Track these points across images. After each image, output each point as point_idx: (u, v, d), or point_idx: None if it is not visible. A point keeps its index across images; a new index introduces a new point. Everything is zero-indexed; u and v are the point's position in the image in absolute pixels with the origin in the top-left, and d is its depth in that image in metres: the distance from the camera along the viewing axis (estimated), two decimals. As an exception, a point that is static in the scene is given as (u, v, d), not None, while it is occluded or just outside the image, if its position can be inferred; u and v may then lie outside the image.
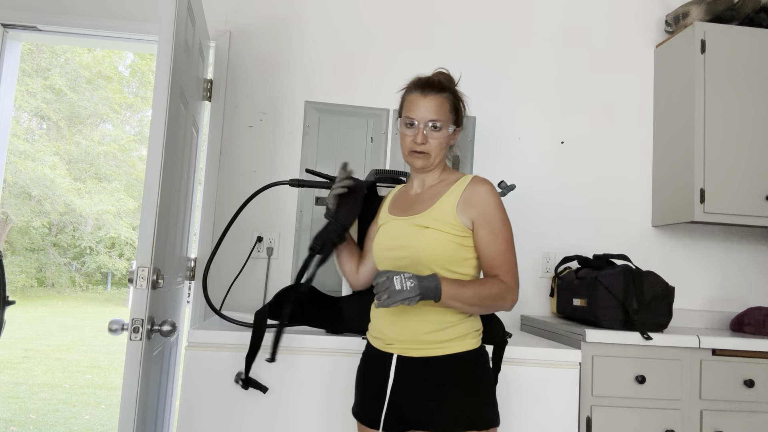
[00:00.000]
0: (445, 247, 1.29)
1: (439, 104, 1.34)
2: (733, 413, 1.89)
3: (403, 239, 1.33)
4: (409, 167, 1.42)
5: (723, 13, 2.38)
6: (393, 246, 1.34)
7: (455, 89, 1.41)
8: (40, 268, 15.50)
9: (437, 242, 1.29)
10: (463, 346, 1.31)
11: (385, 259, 1.36)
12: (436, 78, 1.38)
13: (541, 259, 2.47)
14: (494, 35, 2.55)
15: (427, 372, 1.29)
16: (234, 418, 1.59)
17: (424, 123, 1.33)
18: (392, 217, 1.41)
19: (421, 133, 1.33)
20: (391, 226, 1.39)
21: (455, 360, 1.29)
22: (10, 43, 2.42)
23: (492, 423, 1.28)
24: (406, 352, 1.32)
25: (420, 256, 1.29)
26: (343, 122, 2.42)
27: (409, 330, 1.31)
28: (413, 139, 1.34)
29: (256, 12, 2.46)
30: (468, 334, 1.32)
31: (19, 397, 5.28)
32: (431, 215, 1.32)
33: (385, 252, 1.36)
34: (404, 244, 1.32)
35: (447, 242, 1.29)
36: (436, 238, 1.29)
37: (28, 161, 12.92)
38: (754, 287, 2.54)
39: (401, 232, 1.34)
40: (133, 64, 15.44)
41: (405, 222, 1.35)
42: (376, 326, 1.39)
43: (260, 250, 2.35)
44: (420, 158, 1.35)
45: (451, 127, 1.37)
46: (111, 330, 1.53)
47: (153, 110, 1.60)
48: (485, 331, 1.46)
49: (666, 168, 2.45)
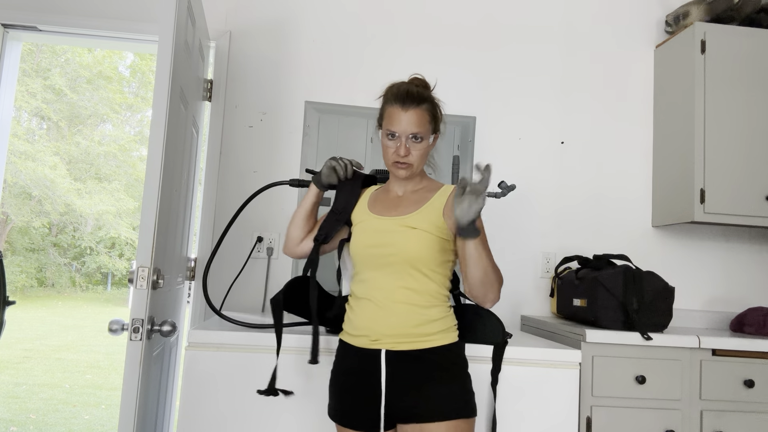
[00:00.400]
0: (432, 248, 1.36)
1: (419, 117, 1.38)
2: (733, 413, 1.89)
3: (391, 237, 1.37)
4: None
5: (723, 14, 2.38)
6: (380, 243, 1.38)
7: (432, 97, 1.45)
8: (40, 268, 15.50)
9: (425, 242, 1.35)
10: (447, 339, 1.37)
11: (370, 256, 1.38)
12: (414, 89, 1.41)
13: (541, 259, 2.47)
14: (494, 35, 2.55)
15: (416, 364, 1.34)
16: (234, 418, 1.59)
17: (406, 136, 1.38)
18: (374, 215, 1.43)
19: (404, 146, 1.38)
20: (375, 224, 1.41)
21: (441, 352, 1.35)
22: (10, 43, 2.42)
23: (474, 412, 1.36)
24: (395, 346, 1.35)
25: (408, 255, 1.35)
26: (343, 122, 2.42)
27: (399, 323, 1.35)
28: (396, 152, 1.39)
29: (256, 12, 2.47)
30: (449, 328, 1.39)
31: (19, 397, 5.28)
32: (419, 217, 1.38)
33: (370, 249, 1.38)
34: (392, 241, 1.36)
35: (433, 243, 1.36)
36: (424, 238, 1.35)
37: (28, 161, 12.92)
38: (754, 287, 2.55)
39: (389, 231, 1.38)
40: (133, 64, 15.45)
41: (392, 221, 1.39)
42: (359, 324, 1.39)
43: (260, 250, 2.35)
44: (403, 168, 1.40)
45: (431, 136, 1.44)
46: (111, 330, 1.53)
47: (153, 110, 1.60)
48: (485, 331, 1.53)
49: (666, 168, 2.45)
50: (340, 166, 1.51)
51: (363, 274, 1.42)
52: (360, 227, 1.44)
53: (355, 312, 1.42)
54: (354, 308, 1.43)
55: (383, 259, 1.37)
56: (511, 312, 2.44)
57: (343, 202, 1.50)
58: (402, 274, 1.36)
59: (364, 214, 1.47)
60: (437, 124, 1.46)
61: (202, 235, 2.33)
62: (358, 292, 1.43)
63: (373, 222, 1.43)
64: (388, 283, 1.37)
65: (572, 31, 2.59)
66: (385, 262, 1.37)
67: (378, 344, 1.36)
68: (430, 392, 1.32)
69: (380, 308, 1.37)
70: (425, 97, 1.41)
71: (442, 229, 1.38)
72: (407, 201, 1.44)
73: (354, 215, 1.50)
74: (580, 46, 2.59)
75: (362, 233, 1.42)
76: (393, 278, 1.36)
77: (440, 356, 1.35)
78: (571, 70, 2.57)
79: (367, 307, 1.39)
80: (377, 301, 1.38)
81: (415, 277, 1.36)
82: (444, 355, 1.36)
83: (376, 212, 1.45)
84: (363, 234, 1.42)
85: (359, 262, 1.42)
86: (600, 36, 2.60)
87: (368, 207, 1.48)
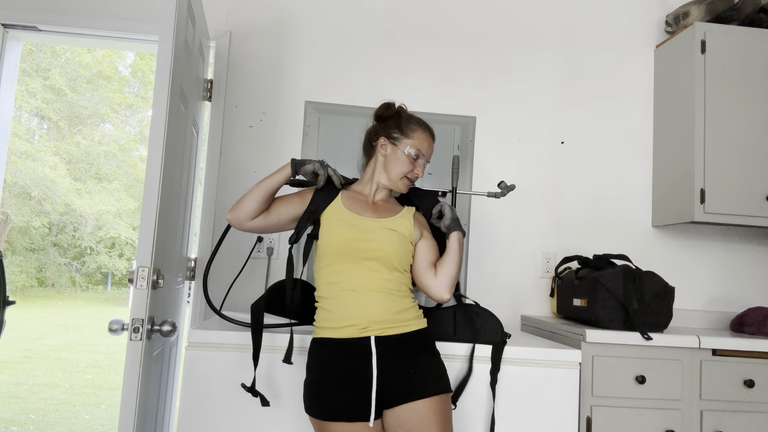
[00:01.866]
0: (407, 249, 1.54)
1: (433, 148, 1.65)
2: (733, 413, 1.89)
3: (374, 234, 1.51)
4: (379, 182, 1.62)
5: (723, 14, 2.38)
6: (363, 238, 1.50)
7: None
8: (40, 268, 15.50)
9: (402, 243, 1.53)
10: (422, 324, 1.53)
11: (352, 249, 1.49)
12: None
13: (541, 259, 2.47)
14: (494, 35, 2.55)
15: (402, 348, 1.46)
16: (234, 418, 1.59)
17: (425, 161, 1.61)
18: (354, 213, 1.54)
19: (422, 168, 1.61)
20: (357, 221, 1.52)
21: (420, 335, 1.51)
22: (11, 43, 2.42)
23: (450, 388, 1.50)
24: (383, 332, 1.45)
25: (388, 252, 1.50)
26: (343, 122, 2.42)
27: (385, 310, 1.46)
28: (414, 171, 1.59)
29: (256, 12, 2.47)
30: (419, 315, 1.55)
31: (19, 397, 5.28)
32: (396, 223, 1.55)
33: (353, 242, 1.49)
34: (376, 238, 1.50)
35: (407, 245, 1.55)
36: (401, 240, 1.53)
37: (28, 161, 12.92)
38: (754, 287, 2.55)
39: (371, 229, 1.52)
40: (134, 64, 15.44)
41: (374, 222, 1.53)
42: (343, 315, 1.46)
43: (260, 250, 2.35)
44: (408, 185, 1.62)
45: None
46: (111, 330, 1.53)
47: (153, 110, 1.60)
48: (484, 331, 1.66)
49: (666, 168, 2.45)
50: (322, 176, 1.57)
51: (337, 266, 1.49)
52: (338, 221, 1.52)
53: (335, 304, 1.47)
54: (333, 301, 1.48)
55: (366, 253, 1.48)
56: (511, 312, 2.44)
57: (317, 203, 1.57)
58: (381, 268, 1.49)
59: (341, 211, 1.54)
60: None
61: (202, 235, 2.33)
62: (333, 284, 1.48)
63: (354, 219, 1.53)
64: (369, 275, 1.48)
65: (572, 31, 2.59)
66: (367, 256, 1.48)
67: (367, 332, 1.44)
68: (417, 372, 1.44)
69: (364, 297, 1.46)
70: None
71: (412, 236, 1.57)
72: (381, 208, 1.60)
73: (326, 211, 1.55)
74: (580, 46, 2.59)
75: (342, 227, 1.51)
76: (373, 271, 1.48)
77: (419, 339, 1.50)
78: (571, 70, 2.57)
79: (351, 298, 1.46)
80: (361, 291, 1.46)
81: (391, 271, 1.50)
82: (421, 338, 1.50)
83: (354, 211, 1.55)
84: (343, 227, 1.51)
85: (337, 254, 1.49)
86: (600, 36, 2.60)
87: (345, 205, 1.56)
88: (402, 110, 1.66)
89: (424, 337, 1.51)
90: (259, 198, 1.53)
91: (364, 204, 1.59)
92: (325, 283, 1.50)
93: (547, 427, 1.66)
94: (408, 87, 2.48)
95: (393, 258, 1.50)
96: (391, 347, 1.45)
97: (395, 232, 1.53)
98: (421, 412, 1.40)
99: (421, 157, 1.59)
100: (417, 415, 1.40)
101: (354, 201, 1.59)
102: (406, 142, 1.59)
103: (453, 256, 1.58)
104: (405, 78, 2.49)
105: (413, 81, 2.49)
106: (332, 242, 1.49)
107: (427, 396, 1.42)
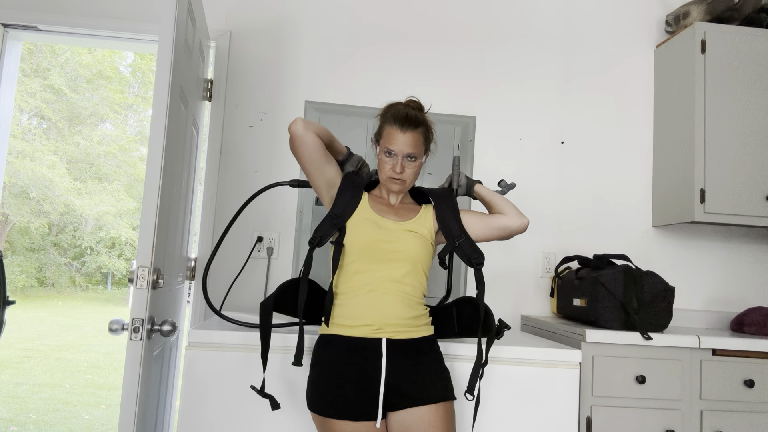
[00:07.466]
0: (428, 251, 1.55)
1: (415, 139, 1.52)
2: (733, 413, 1.89)
3: (397, 236, 1.52)
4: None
5: (723, 13, 2.38)
6: (387, 239, 1.51)
7: (427, 120, 1.58)
8: (40, 268, 15.50)
9: (424, 245, 1.54)
10: (430, 330, 1.54)
11: (377, 249, 1.50)
12: (413, 113, 1.54)
13: (541, 259, 2.47)
14: (494, 35, 2.55)
15: (412, 352, 1.47)
16: (234, 418, 1.59)
17: (402, 155, 1.52)
18: (380, 217, 1.55)
19: (400, 164, 1.52)
20: (382, 223, 1.53)
21: (429, 341, 1.52)
22: (10, 43, 2.42)
23: (455, 396, 1.50)
24: (395, 335, 1.46)
25: (412, 254, 1.51)
26: (343, 122, 2.42)
27: (400, 314, 1.47)
28: (392, 168, 1.53)
29: (256, 12, 2.47)
30: (429, 321, 1.55)
31: (19, 397, 5.28)
32: (416, 225, 1.56)
33: (378, 243, 1.50)
34: (398, 239, 1.51)
35: (428, 247, 1.56)
36: (422, 242, 1.54)
37: (27, 161, 12.91)
38: (754, 287, 2.55)
39: (394, 231, 1.53)
40: (134, 64, 15.43)
41: (396, 224, 1.54)
42: (359, 314, 1.46)
43: (260, 250, 2.35)
44: (397, 184, 1.55)
45: (424, 156, 1.59)
46: (111, 330, 1.53)
47: (153, 110, 1.60)
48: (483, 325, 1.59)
49: (666, 168, 2.45)
50: (362, 168, 1.68)
51: (360, 265, 1.49)
52: (364, 220, 1.53)
53: (351, 303, 1.47)
54: (350, 299, 1.48)
55: (389, 254, 1.49)
56: (511, 312, 2.44)
57: (342, 207, 1.55)
58: (403, 270, 1.49)
59: (369, 212, 1.56)
60: (429, 145, 1.60)
61: (202, 235, 2.33)
62: (353, 283, 1.48)
63: (379, 220, 1.54)
64: (390, 276, 1.48)
65: (572, 30, 2.59)
66: (391, 257, 1.49)
67: (380, 333, 1.45)
68: (425, 377, 1.45)
69: (382, 299, 1.46)
70: (421, 121, 1.54)
71: (432, 237, 1.58)
72: (402, 210, 1.60)
73: (354, 215, 1.54)
74: (580, 46, 2.59)
75: (368, 227, 1.51)
76: (395, 273, 1.48)
77: (427, 346, 1.50)
78: (571, 70, 2.57)
79: (368, 298, 1.47)
80: (379, 292, 1.46)
81: (412, 274, 1.51)
82: (429, 345, 1.51)
83: (378, 212, 1.56)
84: (370, 228, 1.51)
85: (361, 253, 1.49)
86: (600, 36, 2.60)
87: (371, 207, 1.57)
88: (388, 107, 1.58)
89: (432, 344, 1.52)
90: (326, 134, 1.58)
91: (385, 207, 1.60)
92: (345, 281, 1.50)
93: (547, 427, 1.66)
94: (408, 87, 2.48)
95: (415, 260, 1.51)
96: (402, 351, 1.45)
97: (416, 233, 1.54)
98: (427, 418, 1.41)
99: (393, 153, 1.52)
100: (423, 421, 1.41)
101: (377, 203, 1.60)
102: (381, 141, 1.56)
103: (493, 199, 1.63)
104: (405, 78, 2.49)
105: (413, 81, 2.49)
106: (357, 241, 1.50)
107: (433, 402, 1.42)
